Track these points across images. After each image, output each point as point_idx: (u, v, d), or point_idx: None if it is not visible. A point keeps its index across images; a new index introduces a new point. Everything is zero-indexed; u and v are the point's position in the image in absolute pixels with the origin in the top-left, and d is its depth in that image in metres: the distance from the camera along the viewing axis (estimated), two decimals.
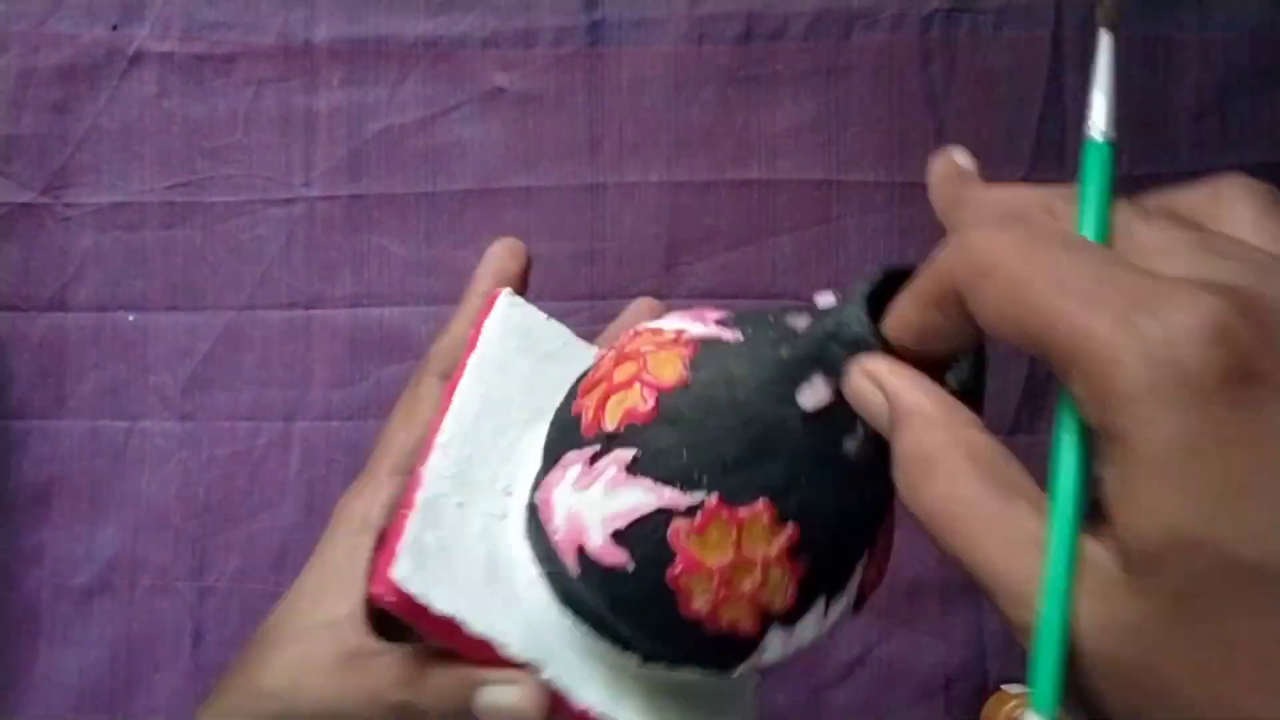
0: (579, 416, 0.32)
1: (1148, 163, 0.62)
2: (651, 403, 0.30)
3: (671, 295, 0.63)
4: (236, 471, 0.63)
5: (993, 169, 0.25)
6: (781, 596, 0.31)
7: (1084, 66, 0.62)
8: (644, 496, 0.30)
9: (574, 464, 0.32)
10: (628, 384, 0.31)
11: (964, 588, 0.62)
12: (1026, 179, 0.61)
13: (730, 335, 0.31)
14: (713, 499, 0.30)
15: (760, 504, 0.30)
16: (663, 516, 0.30)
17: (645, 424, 0.30)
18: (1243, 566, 0.17)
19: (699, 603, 0.31)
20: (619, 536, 0.31)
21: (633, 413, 0.31)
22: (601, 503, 0.31)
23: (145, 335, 0.63)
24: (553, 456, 0.33)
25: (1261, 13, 0.63)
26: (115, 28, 0.64)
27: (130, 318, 0.64)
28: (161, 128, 0.64)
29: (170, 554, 0.62)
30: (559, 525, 0.32)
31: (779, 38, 0.64)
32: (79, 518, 0.62)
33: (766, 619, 0.31)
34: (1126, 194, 0.22)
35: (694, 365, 0.31)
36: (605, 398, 0.32)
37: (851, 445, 0.29)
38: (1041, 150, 0.62)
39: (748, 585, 0.30)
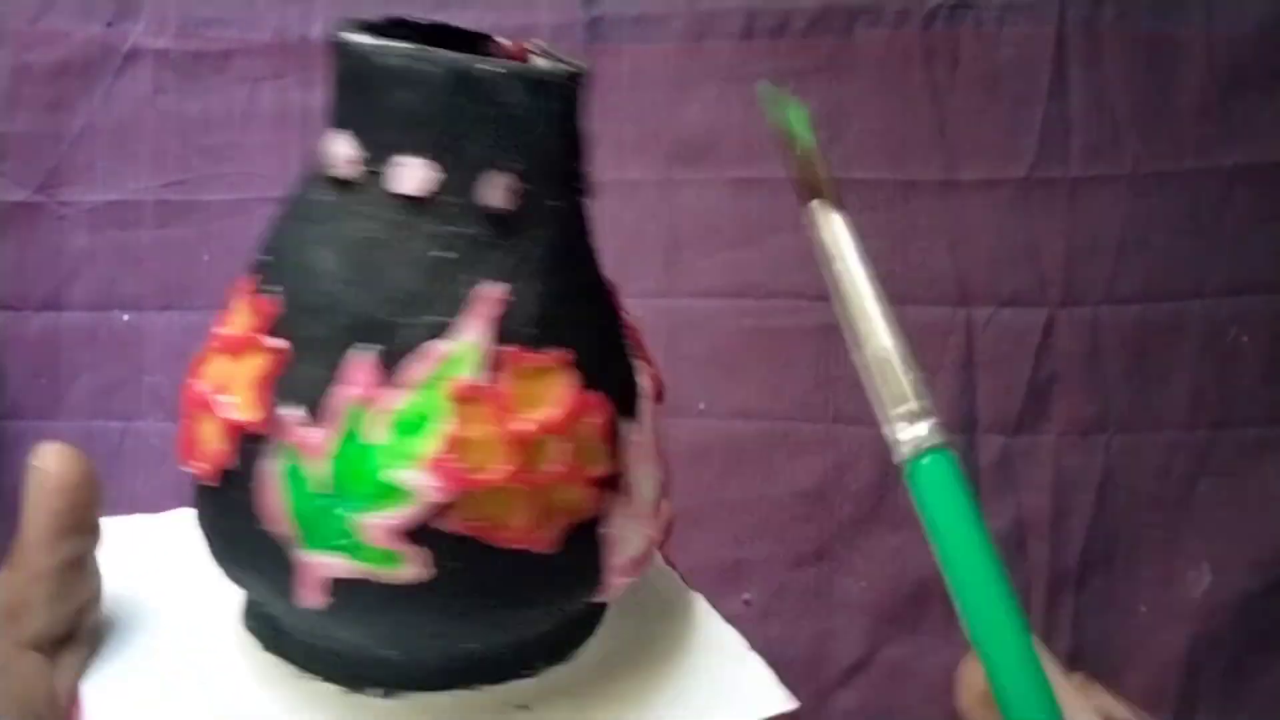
0: None
1: (1153, 160, 0.61)
2: None
3: (671, 294, 0.62)
4: None
5: (995, 167, 0.24)
6: (251, 407, 0.22)
7: (1089, 63, 0.61)
8: None
9: None
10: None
11: None
12: (1029, 177, 0.60)
13: None
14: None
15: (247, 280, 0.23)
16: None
17: None
18: None
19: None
20: None
21: None
22: None
23: (140, 335, 0.63)
24: None
25: (1267, 10, 0.62)
26: (110, 24, 0.63)
27: (125, 317, 0.63)
28: (157, 125, 0.63)
29: None
30: None
31: (780, 34, 0.63)
32: None
33: (242, 444, 0.22)
34: (1135, 193, 0.22)
35: None
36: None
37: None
38: (1045, 147, 0.61)
39: (199, 386, 0.22)
